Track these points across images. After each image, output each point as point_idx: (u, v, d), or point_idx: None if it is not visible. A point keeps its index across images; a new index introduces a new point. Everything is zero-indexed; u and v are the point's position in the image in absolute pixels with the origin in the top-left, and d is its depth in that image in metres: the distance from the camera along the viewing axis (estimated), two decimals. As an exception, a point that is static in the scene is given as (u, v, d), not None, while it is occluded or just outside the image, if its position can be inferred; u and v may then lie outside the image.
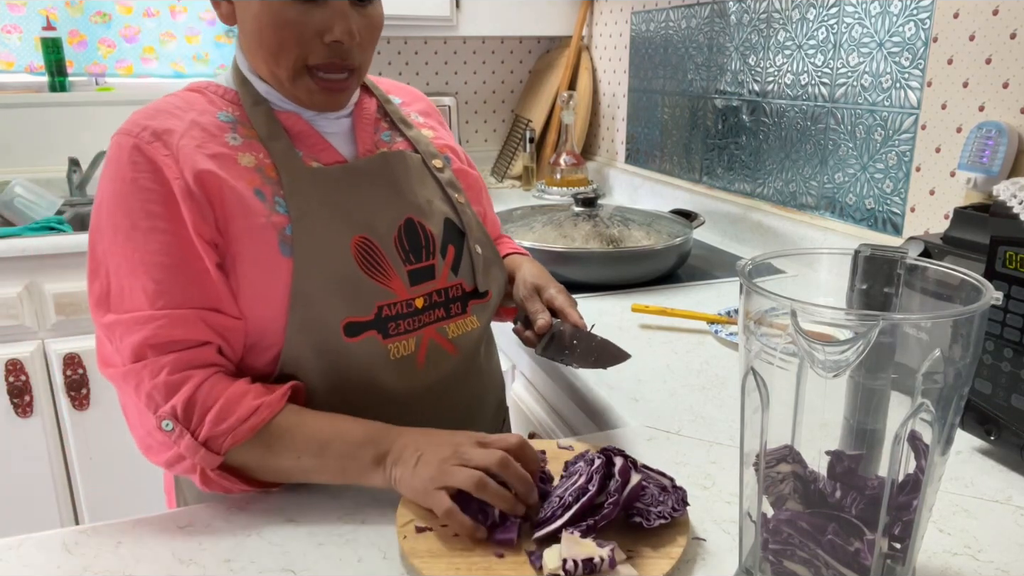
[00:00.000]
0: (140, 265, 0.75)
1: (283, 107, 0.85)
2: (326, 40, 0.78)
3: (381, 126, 0.93)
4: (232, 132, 0.82)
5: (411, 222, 0.87)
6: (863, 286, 0.61)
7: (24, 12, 2.23)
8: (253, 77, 0.85)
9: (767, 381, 0.56)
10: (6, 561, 0.69)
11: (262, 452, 0.75)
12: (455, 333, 0.89)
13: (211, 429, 0.73)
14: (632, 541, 0.67)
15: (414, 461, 0.71)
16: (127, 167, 0.76)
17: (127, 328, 0.75)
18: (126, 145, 0.77)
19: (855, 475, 0.56)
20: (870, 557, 0.54)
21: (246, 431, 0.73)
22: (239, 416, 0.73)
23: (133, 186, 0.76)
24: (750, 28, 1.70)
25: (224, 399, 0.74)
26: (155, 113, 0.80)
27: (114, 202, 0.76)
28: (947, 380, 0.52)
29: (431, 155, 0.94)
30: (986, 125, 1.15)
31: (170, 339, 0.74)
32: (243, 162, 0.80)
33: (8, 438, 1.81)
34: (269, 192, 0.80)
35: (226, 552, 0.70)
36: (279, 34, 0.78)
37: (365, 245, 0.83)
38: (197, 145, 0.78)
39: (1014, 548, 0.69)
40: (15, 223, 1.88)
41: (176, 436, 0.73)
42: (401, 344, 0.84)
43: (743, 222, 1.74)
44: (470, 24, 2.30)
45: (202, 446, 0.73)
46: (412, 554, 0.66)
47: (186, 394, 0.73)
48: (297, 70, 0.80)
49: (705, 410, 0.97)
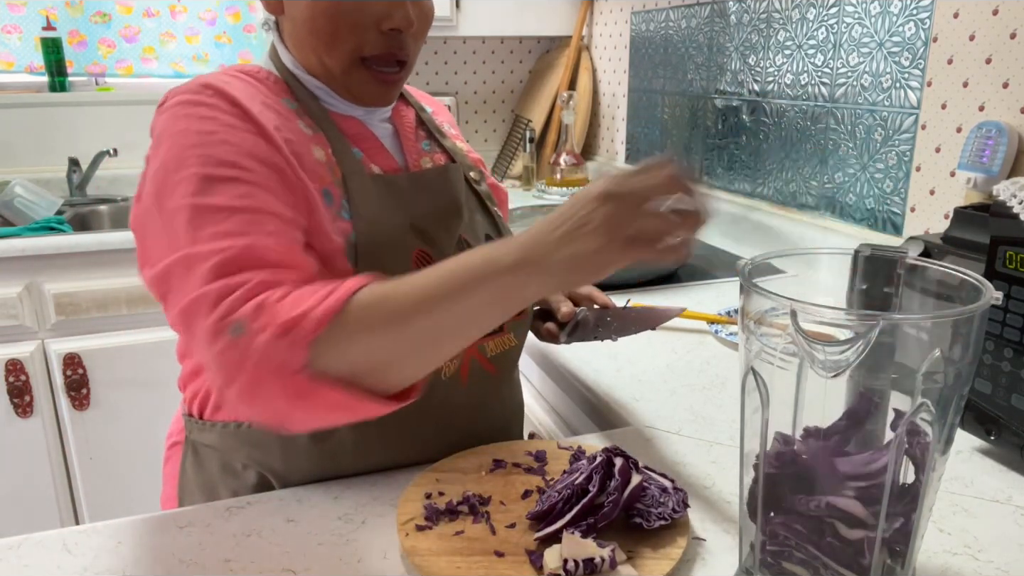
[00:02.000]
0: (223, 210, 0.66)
1: (336, 106, 0.82)
2: (384, 27, 0.76)
3: (420, 134, 0.91)
4: (300, 120, 0.78)
5: (461, 240, 0.85)
6: (863, 286, 0.62)
7: (24, 12, 2.23)
8: (301, 72, 0.81)
9: (767, 381, 0.56)
10: (6, 561, 0.69)
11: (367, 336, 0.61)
12: (493, 352, 0.88)
13: (287, 316, 0.59)
14: (633, 542, 0.67)
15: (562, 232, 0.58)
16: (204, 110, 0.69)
17: (212, 251, 0.64)
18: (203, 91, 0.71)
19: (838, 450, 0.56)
20: (869, 556, 0.54)
21: (323, 311, 0.60)
22: (316, 298, 0.61)
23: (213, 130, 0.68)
24: (750, 28, 1.70)
25: (296, 293, 0.62)
26: (217, 82, 0.73)
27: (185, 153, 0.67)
28: (947, 380, 0.52)
29: (468, 167, 0.93)
30: (986, 125, 1.15)
31: (262, 258, 0.64)
32: (316, 155, 0.76)
33: (8, 438, 1.81)
34: (337, 195, 0.76)
35: (226, 552, 0.70)
36: (334, 22, 0.75)
37: (425, 260, 0.80)
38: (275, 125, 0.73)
39: (1014, 548, 0.69)
40: (15, 223, 1.88)
41: (248, 337, 0.59)
42: (450, 363, 0.82)
43: (743, 222, 1.74)
44: (470, 24, 2.30)
45: (279, 338, 0.59)
46: (413, 552, 0.66)
47: (259, 300, 0.61)
48: (353, 61, 0.77)
49: (705, 410, 0.97)
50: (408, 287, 0.62)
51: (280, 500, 0.77)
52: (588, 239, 0.57)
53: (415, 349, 0.63)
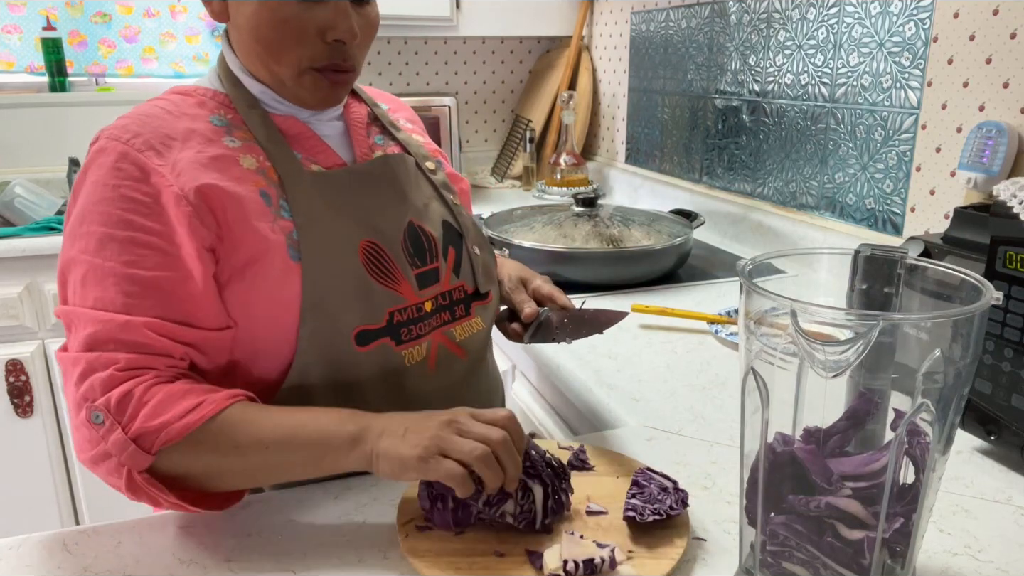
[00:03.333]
0: (111, 275, 0.71)
1: (278, 109, 0.84)
2: (328, 39, 0.77)
3: (373, 130, 0.93)
4: (228, 135, 0.80)
5: (412, 225, 0.86)
6: (863, 286, 0.61)
7: (24, 12, 2.23)
8: (246, 77, 0.83)
9: (767, 381, 0.56)
10: (6, 561, 0.69)
11: (208, 454, 0.69)
12: (462, 336, 0.89)
13: (143, 424, 0.67)
14: (632, 542, 0.67)
15: (402, 431, 0.67)
16: (110, 173, 0.73)
17: (90, 319, 0.71)
18: (112, 151, 0.74)
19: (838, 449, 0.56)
20: (869, 556, 0.54)
21: (180, 428, 0.67)
22: (177, 412, 0.67)
23: (115, 192, 0.72)
24: (750, 28, 1.70)
25: (163, 394, 0.68)
26: (146, 120, 0.77)
27: (93, 207, 0.73)
28: (947, 380, 0.52)
29: (424, 157, 0.94)
30: (986, 125, 1.15)
31: (133, 339, 0.70)
32: (245, 164, 0.78)
33: (8, 438, 1.81)
34: (274, 195, 0.78)
35: (226, 552, 0.70)
36: (278, 32, 0.76)
37: (373, 249, 0.81)
38: (196, 152, 0.76)
39: (1014, 548, 0.69)
40: (15, 223, 1.88)
41: (105, 430, 0.67)
42: (414, 350, 0.83)
43: (743, 222, 1.74)
44: (470, 24, 2.30)
45: (132, 442, 0.67)
46: (412, 553, 0.66)
47: (125, 388, 0.68)
48: (300, 70, 0.79)
49: (705, 410, 0.97)
50: (254, 428, 0.70)
51: (280, 500, 0.77)
52: (408, 447, 0.66)
53: (246, 476, 0.72)
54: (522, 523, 0.68)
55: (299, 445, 0.69)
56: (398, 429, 0.68)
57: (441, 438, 0.66)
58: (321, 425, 0.70)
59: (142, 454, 0.67)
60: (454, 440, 0.65)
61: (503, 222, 1.59)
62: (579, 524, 0.70)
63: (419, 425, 0.68)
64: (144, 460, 0.67)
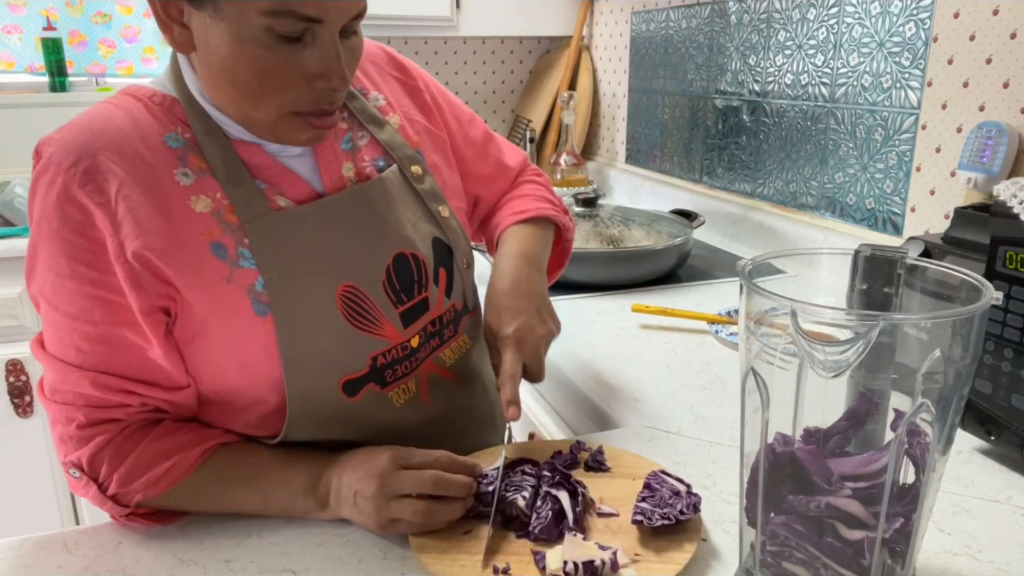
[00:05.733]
0: (63, 325, 0.69)
1: (240, 137, 0.73)
2: (317, 87, 0.68)
3: (338, 130, 0.80)
4: (182, 166, 0.70)
5: (402, 256, 0.79)
6: (863, 286, 0.61)
7: (24, 12, 2.23)
8: (206, 104, 0.72)
9: (767, 381, 0.56)
10: (6, 561, 0.69)
11: (185, 500, 0.74)
12: (451, 358, 0.86)
13: (118, 488, 0.71)
14: (641, 545, 0.67)
15: (352, 500, 0.70)
16: (54, 211, 0.66)
17: (50, 365, 0.72)
18: (55, 183, 0.66)
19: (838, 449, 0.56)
20: (869, 556, 0.54)
21: (155, 492, 0.71)
22: (149, 478, 0.70)
23: (60, 236, 0.67)
24: (750, 28, 1.70)
25: (134, 457, 0.70)
26: (92, 137, 0.68)
27: (43, 243, 0.68)
28: (947, 380, 0.52)
29: (408, 159, 0.84)
30: (986, 125, 1.15)
31: (86, 394, 0.70)
32: (197, 207, 0.70)
33: (8, 438, 1.81)
34: (231, 243, 0.70)
35: (226, 552, 0.70)
36: (260, 81, 0.66)
37: (351, 294, 0.75)
38: (141, 193, 0.67)
39: (1014, 548, 0.69)
40: (15, 223, 1.88)
41: (83, 484, 0.72)
42: (401, 388, 0.80)
43: (743, 222, 1.74)
44: (470, 24, 2.30)
45: (108, 499, 0.71)
46: (420, 549, 0.66)
47: (92, 450, 0.70)
48: (282, 114, 0.69)
49: (705, 410, 0.97)
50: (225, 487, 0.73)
51: (280, 500, 0.77)
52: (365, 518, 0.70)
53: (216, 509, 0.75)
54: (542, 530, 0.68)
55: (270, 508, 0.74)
56: (348, 497, 0.70)
57: (383, 508, 0.68)
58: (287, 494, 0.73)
59: (119, 507, 0.72)
60: (393, 508, 0.68)
61: (503, 222, 1.59)
62: (589, 525, 0.70)
63: (362, 489, 0.69)
64: (122, 511, 0.72)
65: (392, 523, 0.69)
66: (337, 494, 0.71)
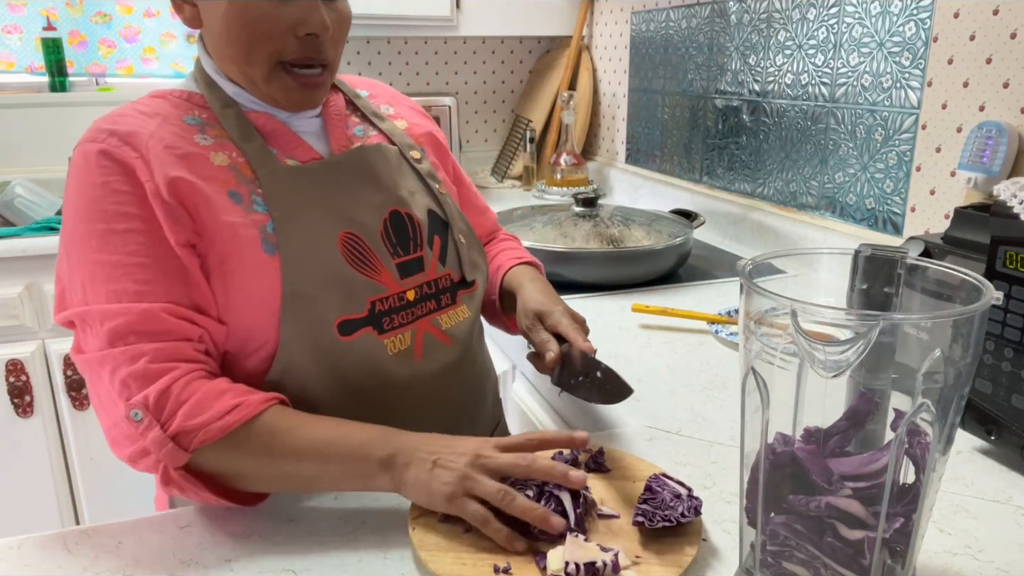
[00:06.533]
0: (119, 267, 0.72)
1: (254, 108, 0.84)
2: (299, 34, 0.77)
3: (352, 121, 0.93)
4: (201, 133, 0.80)
5: (397, 214, 0.87)
6: (863, 286, 0.61)
7: (24, 12, 2.23)
8: (221, 79, 0.84)
9: (767, 381, 0.56)
10: (6, 561, 0.69)
11: (243, 456, 0.71)
12: (448, 324, 0.89)
13: (182, 423, 0.69)
14: (642, 547, 0.67)
15: (430, 464, 0.68)
16: (96, 172, 0.74)
17: (106, 314, 0.71)
18: (92, 151, 0.75)
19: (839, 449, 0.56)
20: (869, 556, 0.54)
21: (218, 429, 0.69)
22: (215, 412, 0.70)
23: (104, 189, 0.74)
24: (750, 28, 1.70)
25: (201, 393, 0.70)
26: (117, 118, 0.78)
27: (85, 208, 0.74)
28: (947, 380, 0.52)
29: (408, 146, 0.94)
30: (986, 125, 1.15)
31: (154, 328, 0.72)
32: (216, 161, 0.79)
33: (8, 438, 1.81)
34: (246, 192, 0.79)
35: (226, 552, 0.70)
36: (249, 30, 0.76)
37: (352, 240, 0.82)
38: (166, 146, 0.76)
39: (1014, 548, 0.69)
40: (15, 223, 1.88)
41: (144, 427, 0.69)
42: (397, 338, 0.84)
43: (743, 222, 1.74)
44: (470, 24, 2.30)
45: (170, 440, 0.69)
46: (421, 547, 0.66)
47: (163, 385, 0.70)
48: (271, 67, 0.79)
49: (705, 410, 0.97)
50: (289, 437, 0.71)
51: (280, 500, 0.77)
52: (438, 483, 0.67)
53: (277, 481, 0.73)
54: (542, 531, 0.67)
55: (330, 461, 0.71)
56: (426, 460, 0.69)
57: (468, 477, 0.67)
58: (353, 445, 0.71)
59: (179, 451, 0.69)
60: (481, 482, 0.67)
61: (503, 222, 1.59)
62: (589, 527, 0.70)
63: (447, 458, 0.69)
64: (181, 457, 0.70)
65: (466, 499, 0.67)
66: (410, 454, 0.69)
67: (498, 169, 2.59)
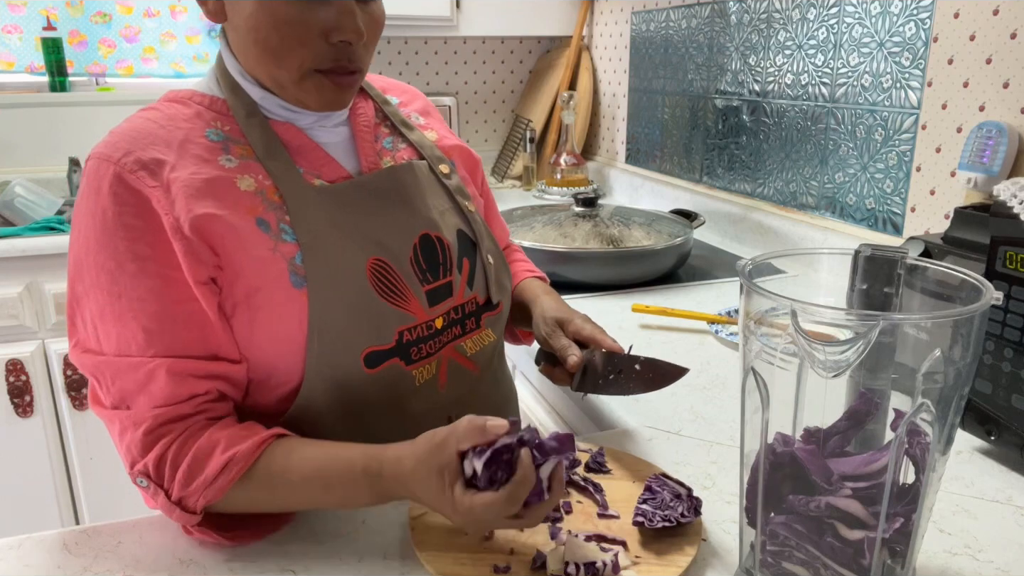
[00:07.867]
0: (128, 311, 0.69)
1: (279, 115, 0.79)
2: (333, 40, 0.72)
3: (381, 132, 0.88)
4: (225, 153, 0.76)
5: (427, 237, 0.83)
6: (863, 286, 0.61)
7: (24, 12, 2.23)
8: (245, 81, 0.78)
9: (767, 381, 0.56)
10: (6, 561, 0.69)
11: (253, 493, 0.69)
12: (473, 349, 0.87)
13: (180, 491, 0.68)
14: (642, 547, 0.67)
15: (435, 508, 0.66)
16: (108, 200, 0.70)
17: (116, 371, 0.70)
18: (107, 174, 0.70)
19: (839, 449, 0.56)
20: (869, 556, 0.54)
21: (216, 491, 0.68)
22: (207, 476, 0.68)
23: (116, 223, 0.69)
24: (750, 28, 1.70)
25: (191, 456, 0.68)
26: (138, 136, 0.73)
27: (95, 238, 0.70)
28: (947, 380, 0.52)
29: (437, 159, 0.90)
30: (986, 125, 1.15)
31: (157, 390, 0.69)
32: (242, 186, 0.74)
33: (8, 438, 1.81)
34: (273, 219, 0.74)
35: (226, 552, 0.70)
36: (279, 34, 0.71)
37: (380, 267, 0.78)
38: (191, 174, 0.72)
39: (1014, 548, 0.69)
40: (15, 223, 1.88)
41: (152, 493, 0.69)
42: (424, 368, 0.81)
43: (743, 222, 1.74)
44: (470, 24, 2.30)
45: (176, 506, 0.68)
46: (421, 546, 0.66)
47: (158, 452, 0.69)
48: (303, 73, 0.74)
49: (705, 410, 0.97)
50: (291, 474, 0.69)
51: (280, 500, 0.77)
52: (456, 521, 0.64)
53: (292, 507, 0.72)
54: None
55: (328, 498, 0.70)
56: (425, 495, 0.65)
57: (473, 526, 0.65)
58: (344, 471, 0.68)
59: (188, 514, 0.69)
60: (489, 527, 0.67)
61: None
62: (590, 527, 0.70)
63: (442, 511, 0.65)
64: (192, 518, 0.69)
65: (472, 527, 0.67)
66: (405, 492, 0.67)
67: (498, 169, 2.59)
